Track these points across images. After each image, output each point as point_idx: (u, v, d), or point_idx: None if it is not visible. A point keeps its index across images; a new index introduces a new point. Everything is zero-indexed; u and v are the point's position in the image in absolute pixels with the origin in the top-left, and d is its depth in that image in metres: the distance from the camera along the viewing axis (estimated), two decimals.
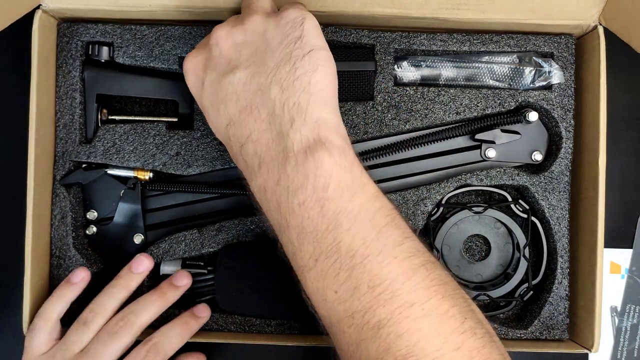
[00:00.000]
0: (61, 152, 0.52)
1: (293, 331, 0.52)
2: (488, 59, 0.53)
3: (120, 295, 0.48)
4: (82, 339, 0.47)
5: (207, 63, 0.42)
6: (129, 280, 0.49)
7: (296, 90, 0.38)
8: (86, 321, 0.47)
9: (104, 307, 0.48)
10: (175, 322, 0.49)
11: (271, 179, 0.38)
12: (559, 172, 0.52)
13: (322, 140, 0.37)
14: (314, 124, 0.38)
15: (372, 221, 0.36)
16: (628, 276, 0.58)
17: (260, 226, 0.52)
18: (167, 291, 0.49)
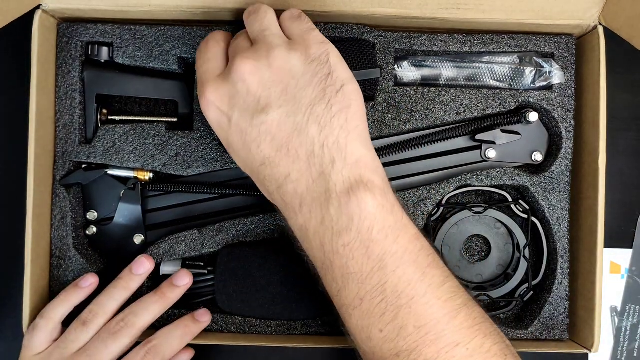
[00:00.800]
0: (61, 152, 0.52)
1: (293, 332, 0.51)
2: (488, 59, 0.53)
3: (121, 297, 0.48)
4: (81, 339, 0.47)
5: (232, 100, 0.40)
6: (129, 281, 0.49)
7: (334, 128, 0.38)
8: (86, 321, 0.47)
9: (104, 308, 0.48)
10: (175, 325, 0.49)
11: (314, 219, 0.38)
12: (559, 173, 0.52)
13: (364, 181, 0.37)
14: (354, 164, 0.38)
15: (416, 262, 0.37)
16: (628, 276, 0.58)
17: (260, 226, 0.52)
18: (168, 292, 0.49)
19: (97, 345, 0.46)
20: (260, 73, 0.40)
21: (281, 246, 0.52)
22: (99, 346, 0.46)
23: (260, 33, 0.42)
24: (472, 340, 0.36)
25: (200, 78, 0.43)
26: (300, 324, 0.51)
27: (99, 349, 0.46)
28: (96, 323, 0.47)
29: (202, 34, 0.52)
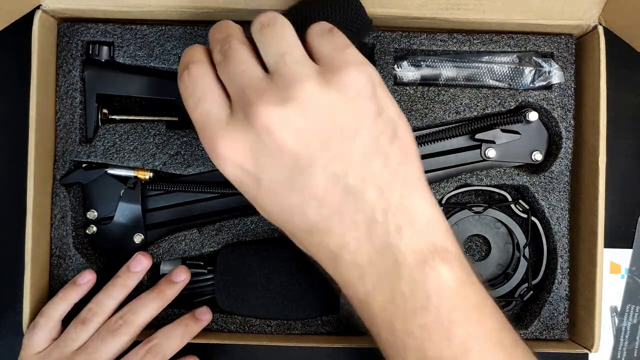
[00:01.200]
0: (61, 151, 0.52)
1: (293, 331, 0.51)
2: (488, 59, 0.53)
3: (119, 295, 0.48)
4: (81, 337, 0.47)
5: (258, 157, 0.33)
6: (127, 279, 0.49)
7: (395, 188, 0.32)
8: (85, 320, 0.47)
9: (103, 306, 0.48)
10: (176, 324, 0.49)
11: (380, 294, 0.33)
12: (559, 172, 0.52)
13: (437, 250, 0.32)
14: (424, 229, 0.33)
15: (500, 343, 0.33)
16: (628, 276, 0.58)
17: (260, 225, 0.52)
18: (166, 289, 0.49)
19: (96, 343, 0.46)
20: (291, 122, 0.32)
21: (281, 246, 0.52)
22: (98, 344, 0.46)
23: (280, 58, 0.33)
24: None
25: (200, 126, 0.35)
26: (300, 323, 0.51)
27: (98, 347, 0.46)
28: (95, 321, 0.47)
29: (202, 34, 0.52)
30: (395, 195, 0.32)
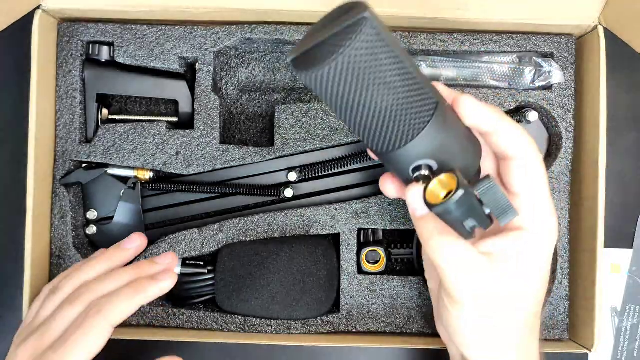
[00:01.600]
0: (61, 151, 0.52)
1: (293, 331, 0.52)
2: (488, 59, 0.53)
3: (100, 268, 0.44)
4: (48, 307, 0.43)
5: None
6: (113, 254, 0.45)
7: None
8: (55, 288, 0.44)
9: (79, 277, 0.44)
10: (125, 287, 0.43)
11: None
12: (559, 172, 0.52)
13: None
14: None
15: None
16: (628, 276, 0.58)
17: (260, 225, 0.52)
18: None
19: (55, 315, 0.42)
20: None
21: (281, 246, 0.52)
22: (56, 315, 0.42)
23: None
24: None
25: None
26: (300, 323, 0.51)
27: (55, 318, 0.42)
28: (64, 292, 0.44)
29: (202, 34, 0.52)
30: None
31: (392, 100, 0.33)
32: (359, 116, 0.34)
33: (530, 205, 0.37)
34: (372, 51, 0.32)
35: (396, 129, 0.34)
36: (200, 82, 0.52)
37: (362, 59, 0.31)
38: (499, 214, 0.34)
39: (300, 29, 0.52)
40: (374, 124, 0.34)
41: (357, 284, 0.52)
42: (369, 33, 0.31)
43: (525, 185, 0.37)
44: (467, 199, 0.33)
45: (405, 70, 0.33)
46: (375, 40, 0.32)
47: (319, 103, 0.53)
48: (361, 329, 0.52)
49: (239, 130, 0.57)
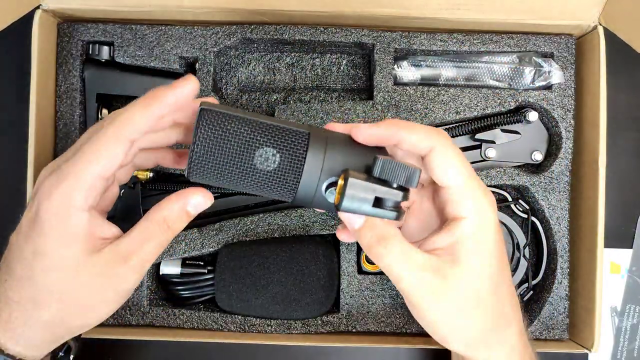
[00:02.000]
0: (61, 151, 0.52)
1: (293, 331, 0.52)
2: (488, 59, 0.53)
3: (151, 112, 0.36)
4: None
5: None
6: (164, 91, 0.36)
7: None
8: (99, 122, 0.38)
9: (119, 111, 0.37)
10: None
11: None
12: (559, 172, 0.52)
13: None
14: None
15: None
16: (628, 276, 0.58)
17: (260, 225, 0.52)
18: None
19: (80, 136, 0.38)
20: None
21: (281, 246, 0.52)
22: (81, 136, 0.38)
23: None
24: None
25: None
26: (300, 323, 0.51)
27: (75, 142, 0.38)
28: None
29: (202, 34, 0.52)
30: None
31: (257, 165, 0.36)
32: (247, 188, 0.37)
33: (457, 193, 0.38)
34: (218, 131, 0.35)
35: (280, 183, 0.36)
36: (200, 82, 0.52)
37: (213, 142, 0.35)
38: (405, 181, 0.35)
39: (300, 29, 0.52)
40: (265, 188, 0.37)
41: (357, 284, 0.52)
42: (208, 119, 0.35)
43: (446, 175, 0.38)
44: (358, 184, 0.34)
45: (254, 131, 0.35)
46: (217, 117, 0.35)
47: (319, 103, 0.53)
48: (361, 329, 0.52)
49: None
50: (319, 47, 0.54)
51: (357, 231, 0.38)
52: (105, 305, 0.38)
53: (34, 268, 0.36)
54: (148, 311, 0.51)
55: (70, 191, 0.35)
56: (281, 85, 0.56)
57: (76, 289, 0.36)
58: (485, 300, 0.38)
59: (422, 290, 0.37)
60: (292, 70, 0.56)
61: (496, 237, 0.38)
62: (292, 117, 0.52)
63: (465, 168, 0.38)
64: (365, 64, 0.56)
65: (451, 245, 0.38)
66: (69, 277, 0.36)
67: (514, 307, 0.40)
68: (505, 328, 0.39)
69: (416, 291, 0.37)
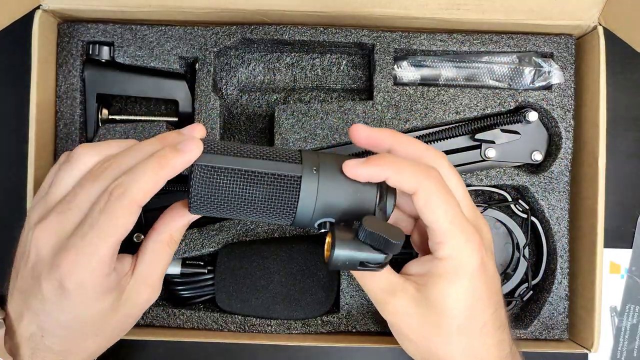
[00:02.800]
0: (61, 151, 0.52)
1: (293, 331, 0.52)
2: (488, 59, 0.53)
3: (126, 145, 0.39)
4: (64, 180, 0.39)
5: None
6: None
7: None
8: (71, 158, 0.40)
9: (98, 150, 0.39)
10: (147, 159, 0.37)
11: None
12: (558, 172, 0.52)
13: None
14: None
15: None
16: (628, 276, 0.58)
17: (260, 225, 0.52)
18: (169, 153, 0.37)
19: (76, 190, 0.38)
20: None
21: (281, 245, 0.52)
22: (77, 191, 0.38)
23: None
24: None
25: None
26: (300, 323, 0.51)
27: (77, 194, 0.38)
28: (82, 163, 0.39)
29: (202, 34, 0.52)
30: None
31: (253, 201, 0.38)
32: (247, 218, 0.40)
33: (438, 235, 0.39)
34: (210, 185, 0.37)
35: (277, 211, 0.38)
36: (200, 82, 0.52)
37: (207, 193, 0.37)
38: (384, 248, 0.36)
39: (300, 29, 0.52)
40: (261, 216, 0.39)
41: (357, 284, 0.52)
42: (201, 171, 0.37)
43: (427, 218, 0.39)
44: (342, 255, 0.36)
45: (250, 175, 0.38)
46: (208, 171, 0.37)
47: (319, 103, 0.53)
48: (361, 329, 0.52)
49: (239, 130, 0.57)
50: (319, 47, 0.54)
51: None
52: (134, 321, 0.42)
53: (75, 327, 0.38)
54: (148, 311, 0.51)
55: (96, 267, 0.37)
56: (281, 85, 0.56)
57: (117, 324, 0.40)
58: (449, 335, 0.40)
59: (380, 304, 0.42)
60: (292, 70, 0.56)
61: (472, 283, 0.39)
62: (292, 117, 0.52)
63: (447, 213, 0.39)
64: (365, 64, 0.56)
65: (421, 275, 0.41)
66: (110, 319, 0.39)
67: (489, 344, 0.40)
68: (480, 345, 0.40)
69: (379, 306, 0.42)
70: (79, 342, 0.39)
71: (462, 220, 0.39)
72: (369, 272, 0.40)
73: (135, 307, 0.41)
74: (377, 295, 0.41)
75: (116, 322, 0.40)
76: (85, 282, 0.37)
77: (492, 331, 0.40)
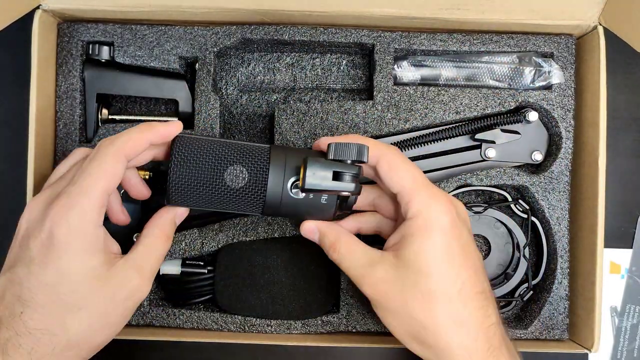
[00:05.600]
0: (61, 151, 0.52)
1: (293, 331, 0.52)
2: (488, 59, 0.53)
3: (145, 136, 0.41)
4: (66, 163, 0.43)
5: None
6: (156, 124, 0.41)
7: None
8: (75, 151, 0.44)
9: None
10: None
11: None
12: (559, 172, 0.52)
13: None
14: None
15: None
16: (628, 276, 0.58)
17: (260, 225, 0.52)
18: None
19: (74, 170, 0.41)
20: None
21: (281, 245, 0.52)
22: (75, 170, 0.41)
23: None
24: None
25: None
26: (300, 323, 0.51)
27: (72, 170, 0.42)
28: (83, 152, 0.43)
29: (202, 34, 0.52)
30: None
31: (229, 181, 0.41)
32: (221, 206, 0.42)
33: (405, 196, 0.41)
34: (190, 153, 0.40)
35: (250, 195, 0.41)
36: (200, 82, 0.52)
37: (187, 164, 0.40)
38: (357, 156, 0.39)
39: (300, 29, 0.52)
40: (237, 203, 0.41)
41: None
42: (182, 143, 0.40)
43: (392, 181, 0.42)
44: (317, 163, 0.39)
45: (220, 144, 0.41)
46: (188, 146, 0.41)
47: (319, 103, 0.53)
48: (361, 329, 0.52)
49: (239, 130, 0.57)
50: (319, 47, 0.54)
51: (319, 240, 0.45)
52: (124, 317, 0.41)
53: (59, 290, 0.37)
54: (148, 311, 0.51)
55: (85, 209, 0.38)
56: (281, 85, 0.56)
57: (102, 301, 0.38)
58: (428, 295, 0.40)
59: (360, 279, 0.42)
60: (292, 70, 0.56)
61: (443, 239, 0.40)
62: (292, 117, 0.52)
63: (411, 172, 0.41)
64: (365, 64, 0.56)
65: (398, 242, 0.42)
66: (95, 290, 0.38)
67: (471, 308, 0.40)
68: (458, 327, 0.40)
69: (359, 282, 0.42)
70: (60, 317, 0.37)
71: (426, 181, 0.42)
72: (347, 249, 0.42)
73: (123, 291, 0.39)
74: (358, 270, 0.42)
75: (102, 301, 0.38)
76: (74, 227, 0.37)
77: (472, 294, 0.40)
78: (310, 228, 0.45)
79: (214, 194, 0.41)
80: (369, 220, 0.47)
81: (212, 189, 0.41)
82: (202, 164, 0.40)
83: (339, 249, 0.43)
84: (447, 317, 0.40)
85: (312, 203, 0.42)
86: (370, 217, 0.47)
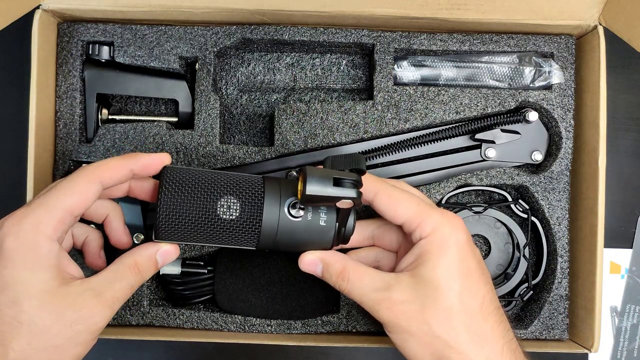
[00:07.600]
0: (61, 151, 0.52)
1: (293, 331, 0.52)
2: (488, 59, 0.53)
3: (125, 164, 0.40)
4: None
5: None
6: (140, 154, 0.40)
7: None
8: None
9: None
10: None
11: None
12: (559, 172, 0.52)
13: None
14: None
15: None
16: (628, 276, 0.58)
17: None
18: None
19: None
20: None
21: None
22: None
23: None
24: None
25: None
26: (300, 323, 0.51)
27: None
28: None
29: (202, 34, 0.52)
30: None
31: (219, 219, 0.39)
32: (213, 240, 0.40)
33: (413, 222, 0.40)
34: (180, 185, 0.38)
35: (245, 227, 0.39)
36: (200, 82, 0.52)
37: (177, 197, 0.38)
38: (355, 164, 0.39)
39: (300, 29, 0.52)
40: (232, 236, 0.40)
41: None
42: (171, 174, 0.38)
43: (396, 213, 0.41)
44: (317, 171, 0.38)
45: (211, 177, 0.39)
46: (178, 177, 0.39)
47: (319, 103, 0.53)
48: (361, 329, 0.52)
49: (239, 130, 0.57)
50: (319, 47, 0.54)
51: (323, 277, 0.42)
52: (75, 344, 0.37)
53: (1, 301, 0.35)
54: (148, 311, 0.51)
55: (40, 220, 0.36)
56: (281, 85, 0.56)
57: (46, 320, 0.35)
58: (450, 311, 0.39)
59: (375, 305, 0.40)
60: (292, 70, 0.56)
61: (460, 254, 0.40)
62: (292, 117, 0.52)
63: (414, 199, 0.41)
64: (365, 64, 0.56)
65: (412, 262, 0.41)
66: (39, 305, 0.35)
67: (492, 322, 0.40)
68: (483, 343, 0.39)
69: (375, 308, 0.40)
70: (6, 331, 0.35)
71: (430, 202, 0.41)
72: (357, 276, 0.40)
73: (73, 313, 0.36)
74: (372, 296, 0.40)
75: (46, 317, 0.35)
76: (24, 237, 0.35)
77: (491, 309, 0.40)
78: (311, 260, 0.42)
79: (206, 227, 0.39)
80: (367, 255, 0.46)
81: (204, 221, 0.38)
82: (193, 195, 0.38)
83: (348, 277, 0.41)
84: (472, 333, 0.39)
85: (311, 226, 0.40)
86: (368, 252, 0.46)
